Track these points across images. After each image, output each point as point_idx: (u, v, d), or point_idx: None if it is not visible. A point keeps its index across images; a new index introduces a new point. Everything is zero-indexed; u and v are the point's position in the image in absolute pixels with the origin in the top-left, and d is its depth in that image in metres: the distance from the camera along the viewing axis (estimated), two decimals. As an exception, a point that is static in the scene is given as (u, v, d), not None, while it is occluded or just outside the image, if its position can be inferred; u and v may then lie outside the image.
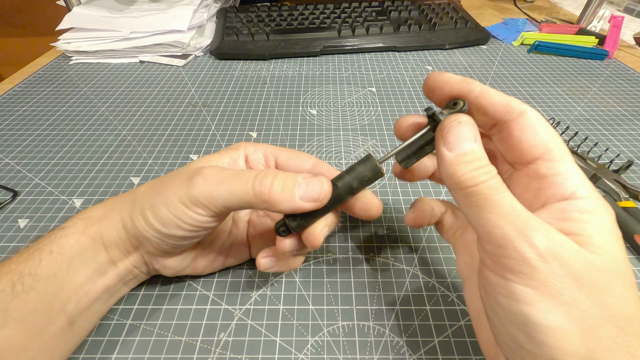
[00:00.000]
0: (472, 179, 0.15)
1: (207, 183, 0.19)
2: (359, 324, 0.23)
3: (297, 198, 0.19)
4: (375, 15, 0.63)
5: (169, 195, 0.19)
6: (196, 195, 0.19)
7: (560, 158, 0.16)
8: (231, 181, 0.19)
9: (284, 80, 0.51)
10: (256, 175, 0.19)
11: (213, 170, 0.20)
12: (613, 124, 0.41)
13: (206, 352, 0.22)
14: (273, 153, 0.24)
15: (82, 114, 0.44)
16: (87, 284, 0.20)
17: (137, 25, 0.56)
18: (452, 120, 0.17)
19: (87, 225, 0.20)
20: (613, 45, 0.55)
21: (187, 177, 0.20)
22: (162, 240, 0.20)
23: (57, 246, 0.19)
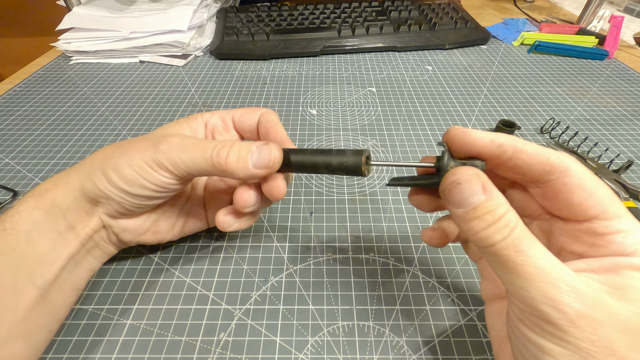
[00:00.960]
0: (487, 238, 0.14)
1: (171, 150, 0.20)
2: (359, 324, 0.23)
3: (251, 166, 0.20)
4: (375, 15, 0.63)
5: (134, 157, 0.20)
6: (161, 159, 0.20)
7: (618, 215, 0.15)
8: (192, 150, 0.20)
9: (284, 80, 0.51)
10: (215, 145, 0.20)
11: (177, 138, 0.21)
12: (613, 124, 0.41)
13: (206, 352, 0.22)
14: (228, 114, 0.26)
15: (82, 114, 0.44)
16: (51, 254, 0.20)
17: (137, 25, 0.56)
18: (450, 182, 0.16)
19: (39, 199, 0.20)
20: (613, 45, 0.55)
21: (152, 142, 0.21)
22: (125, 199, 0.21)
23: (10, 223, 0.19)
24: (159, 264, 0.27)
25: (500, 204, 0.15)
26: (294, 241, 0.29)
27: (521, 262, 0.14)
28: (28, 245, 0.19)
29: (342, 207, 0.31)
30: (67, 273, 0.21)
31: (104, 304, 0.24)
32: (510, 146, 0.16)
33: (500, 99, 0.46)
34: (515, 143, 0.16)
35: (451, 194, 0.16)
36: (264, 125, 0.24)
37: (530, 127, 0.41)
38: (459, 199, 0.15)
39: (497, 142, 0.16)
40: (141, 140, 0.21)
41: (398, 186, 0.21)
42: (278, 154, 0.21)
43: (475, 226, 0.15)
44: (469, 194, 0.15)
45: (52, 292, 0.20)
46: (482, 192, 0.15)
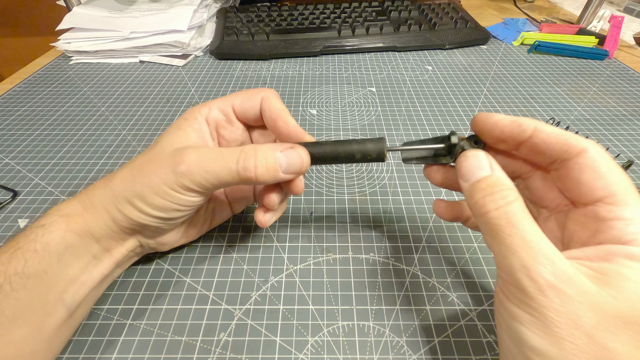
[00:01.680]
0: (483, 205, 0.16)
1: (192, 171, 0.19)
2: (359, 324, 0.23)
3: (282, 173, 0.20)
4: (375, 15, 0.63)
5: (156, 184, 0.20)
6: (185, 183, 0.20)
7: (625, 202, 0.15)
8: (214, 166, 0.20)
9: (284, 80, 0.51)
10: (238, 158, 0.20)
11: (193, 155, 0.20)
12: (613, 124, 0.41)
13: (206, 352, 0.22)
14: (228, 104, 0.24)
15: (82, 114, 0.44)
16: (83, 275, 0.20)
17: (137, 25, 0.56)
18: (462, 156, 0.18)
19: (70, 221, 0.20)
20: (613, 45, 0.55)
21: (168, 163, 0.20)
22: (162, 223, 0.21)
23: (41, 244, 0.19)
24: (159, 264, 0.27)
25: (503, 182, 0.16)
26: (294, 241, 0.29)
27: (509, 232, 0.15)
28: (60, 267, 0.19)
29: (342, 207, 0.31)
30: (95, 290, 0.21)
31: (104, 304, 0.24)
32: (529, 125, 0.17)
33: (500, 99, 0.46)
34: (535, 123, 0.17)
35: (461, 166, 0.18)
36: (269, 115, 0.23)
37: (530, 127, 0.41)
38: (467, 170, 0.17)
39: (517, 122, 0.18)
40: (156, 162, 0.20)
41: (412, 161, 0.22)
42: (307, 157, 0.21)
43: (476, 195, 0.16)
44: (476, 167, 0.17)
45: (79, 310, 0.20)
46: (489, 169, 0.17)
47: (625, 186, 0.15)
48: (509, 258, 0.15)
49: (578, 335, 0.13)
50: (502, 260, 0.15)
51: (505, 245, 0.15)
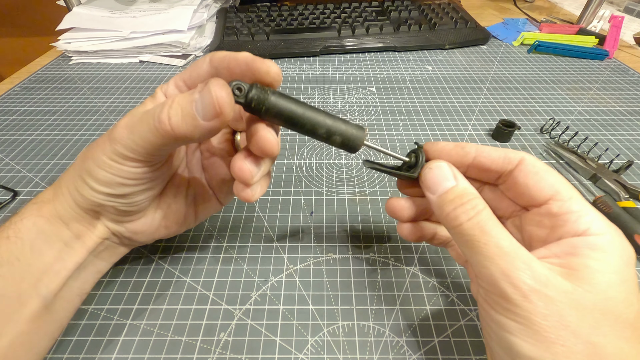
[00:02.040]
0: (455, 218, 0.16)
1: (122, 135, 0.18)
2: (359, 324, 0.23)
3: (201, 120, 0.16)
4: (375, 15, 0.63)
5: (98, 156, 0.18)
6: (118, 149, 0.18)
7: (570, 197, 0.16)
8: (138, 126, 0.17)
9: (284, 80, 0.51)
10: (154, 111, 0.17)
11: (126, 119, 0.18)
12: (613, 124, 0.41)
13: (206, 352, 0.22)
14: (182, 77, 0.21)
15: (82, 114, 0.44)
16: (57, 264, 0.19)
17: (137, 25, 0.56)
18: (425, 168, 0.19)
19: (41, 207, 0.20)
20: (613, 45, 0.55)
21: (106, 137, 0.19)
22: (114, 201, 0.19)
23: (14, 231, 0.19)
24: (159, 264, 0.27)
25: (469, 191, 0.17)
26: (294, 241, 0.29)
27: (485, 241, 0.15)
28: (32, 254, 0.19)
29: (342, 207, 0.31)
30: (73, 280, 0.20)
31: (104, 304, 0.24)
32: (471, 147, 0.19)
33: (500, 99, 0.46)
34: (476, 146, 0.19)
35: (426, 178, 0.18)
36: (219, 66, 0.19)
37: (530, 127, 0.41)
38: (432, 183, 0.18)
39: (460, 145, 0.19)
40: (100, 137, 0.19)
41: (373, 169, 0.22)
42: (222, 92, 0.16)
43: (446, 208, 0.17)
44: (441, 178, 0.18)
45: (57, 300, 0.20)
46: (453, 179, 0.18)
47: (565, 183, 0.17)
48: (489, 267, 0.15)
49: (566, 336, 0.13)
50: (481, 270, 0.15)
51: (483, 255, 0.15)
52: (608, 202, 0.30)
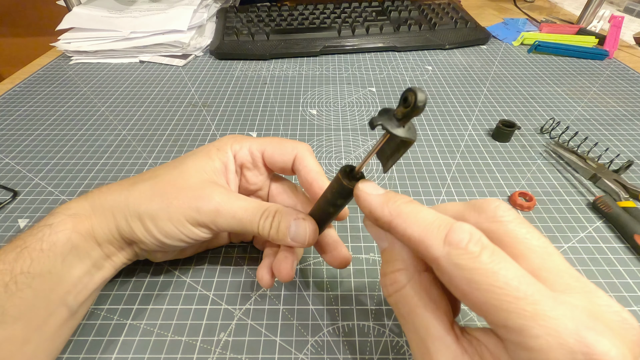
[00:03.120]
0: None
1: (219, 213, 0.20)
2: (359, 324, 0.23)
3: (289, 239, 0.21)
4: (375, 15, 0.63)
5: (175, 212, 0.20)
6: (205, 221, 0.20)
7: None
8: (242, 216, 0.21)
9: (284, 80, 0.51)
10: (262, 214, 0.21)
11: (222, 197, 0.21)
12: (613, 124, 0.41)
13: (206, 352, 0.22)
14: (259, 148, 0.24)
15: (82, 114, 0.44)
16: (85, 278, 0.20)
17: (137, 25, 0.56)
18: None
19: (77, 222, 0.20)
20: (613, 45, 0.55)
21: (194, 195, 0.21)
22: (160, 247, 0.21)
23: (48, 244, 0.19)
24: (159, 264, 0.27)
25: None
26: (294, 241, 0.29)
27: None
28: (63, 267, 0.19)
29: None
30: (96, 291, 0.22)
31: (104, 304, 0.24)
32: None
33: (500, 99, 0.46)
34: None
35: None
36: (305, 176, 0.23)
37: (530, 127, 0.41)
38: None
39: None
40: (180, 189, 0.21)
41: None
42: (313, 234, 0.21)
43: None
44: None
45: (80, 310, 0.21)
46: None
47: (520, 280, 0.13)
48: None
49: None
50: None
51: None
52: (608, 202, 0.30)
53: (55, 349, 0.20)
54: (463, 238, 0.13)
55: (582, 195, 0.32)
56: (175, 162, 0.23)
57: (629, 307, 0.24)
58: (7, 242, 0.28)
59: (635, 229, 0.28)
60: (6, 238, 0.29)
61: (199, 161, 0.22)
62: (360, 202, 0.17)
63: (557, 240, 0.28)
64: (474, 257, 0.12)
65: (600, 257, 0.27)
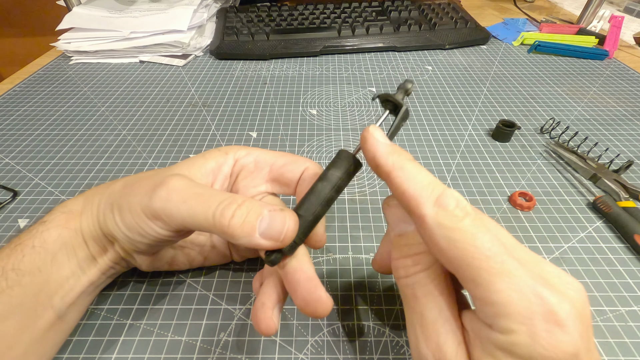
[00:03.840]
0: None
1: (169, 198, 0.18)
2: (359, 324, 0.23)
3: (258, 234, 0.17)
4: (375, 15, 0.63)
5: (134, 201, 0.19)
6: (156, 208, 0.18)
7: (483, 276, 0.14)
8: (193, 202, 0.17)
9: (284, 80, 0.51)
10: (221, 201, 0.17)
11: (179, 183, 0.18)
12: (613, 124, 0.41)
13: (206, 352, 0.22)
14: (267, 160, 0.22)
15: (82, 114, 0.44)
16: (72, 279, 0.20)
17: (137, 25, 0.56)
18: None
19: (69, 218, 0.20)
20: (613, 45, 0.55)
21: (153, 184, 0.18)
22: (130, 242, 0.20)
23: (39, 240, 0.19)
24: (159, 264, 0.27)
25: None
26: (294, 241, 0.29)
27: None
28: (52, 266, 0.19)
29: (342, 207, 0.31)
30: (85, 295, 0.21)
31: (104, 304, 0.24)
32: None
33: (500, 99, 0.46)
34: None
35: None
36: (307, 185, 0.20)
37: (530, 127, 0.41)
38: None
39: None
40: (148, 177, 0.19)
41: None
42: (293, 225, 0.17)
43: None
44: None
45: (69, 313, 0.20)
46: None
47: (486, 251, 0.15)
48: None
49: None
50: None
51: None
52: (608, 202, 0.30)
53: (47, 351, 0.20)
54: (450, 203, 0.14)
55: (582, 195, 0.32)
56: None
57: (629, 307, 0.24)
58: (6, 242, 0.28)
59: (635, 229, 0.28)
60: (6, 238, 0.29)
61: (192, 160, 0.21)
62: (366, 146, 0.17)
63: (557, 240, 0.28)
64: (457, 219, 0.14)
65: (600, 257, 0.27)
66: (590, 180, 0.34)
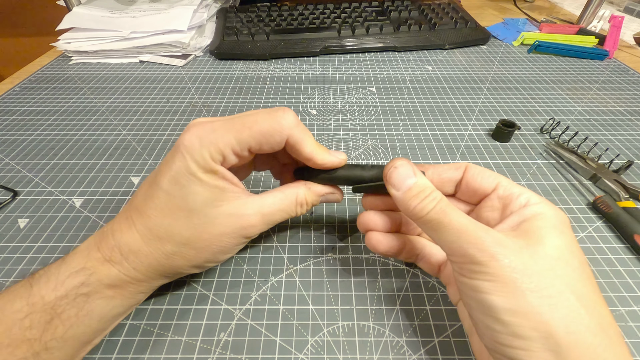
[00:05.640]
0: (422, 209, 0.19)
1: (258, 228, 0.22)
2: (359, 324, 0.23)
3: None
4: (375, 15, 0.63)
5: (230, 248, 0.22)
6: (249, 235, 0.22)
7: (509, 183, 0.21)
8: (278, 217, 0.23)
9: (284, 80, 0.51)
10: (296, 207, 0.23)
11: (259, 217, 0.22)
12: (613, 124, 0.41)
13: (206, 352, 0.22)
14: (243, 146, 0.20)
15: (82, 114, 0.44)
16: (119, 318, 0.22)
17: (137, 25, 0.56)
18: (389, 167, 0.21)
19: (117, 293, 0.20)
20: (613, 45, 0.55)
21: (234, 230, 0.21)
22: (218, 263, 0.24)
23: (85, 311, 0.19)
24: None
25: (428, 185, 0.19)
26: (294, 241, 0.29)
27: (448, 221, 0.18)
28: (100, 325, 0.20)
29: (342, 207, 0.31)
30: None
31: (104, 304, 0.24)
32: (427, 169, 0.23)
33: (500, 99, 0.46)
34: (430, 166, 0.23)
35: (391, 177, 0.20)
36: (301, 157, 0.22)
37: (530, 127, 0.41)
38: (397, 181, 0.20)
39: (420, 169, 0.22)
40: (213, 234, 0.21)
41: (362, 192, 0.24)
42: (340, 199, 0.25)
43: (412, 203, 0.19)
44: (404, 176, 0.20)
45: None
46: (414, 176, 0.20)
47: (502, 177, 0.21)
48: (457, 241, 0.17)
49: (533, 280, 0.16)
50: (451, 246, 0.18)
51: (450, 233, 0.18)
52: (608, 202, 0.30)
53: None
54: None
55: (582, 195, 0.32)
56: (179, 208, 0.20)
57: (629, 307, 0.24)
58: (6, 242, 0.28)
59: (635, 229, 0.28)
60: (6, 238, 0.29)
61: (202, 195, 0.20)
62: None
63: (557, 240, 0.28)
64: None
65: (600, 257, 0.27)
66: (590, 180, 0.34)
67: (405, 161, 0.20)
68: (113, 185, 0.34)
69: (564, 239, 0.17)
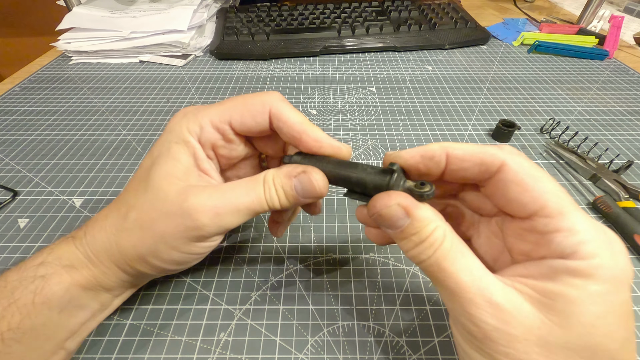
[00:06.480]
0: (415, 257, 0.16)
1: (207, 221, 0.18)
2: (359, 324, 0.23)
3: (302, 199, 0.19)
4: (375, 15, 0.63)
5: (172, 240, 0.18)
6: (210, 231, 0.18)
7: (559, 212, 0.14)
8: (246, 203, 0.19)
9: (284, 80, 0.51)
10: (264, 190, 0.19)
11: (213, 200, 0.18)
12: (613, 124, 0.41)
13: (206, 352, 0.22)
14: (223, 119, 0.20)
15: (82, 114, 0.44)
16: (90, 322, 0.20)
17: (137, 25, 0.56)
18: (376, 211, 0.17)
19: (75, 275, 0.19)
20: (613, 45, 0.55)
21: (181, 218, 0.18)
22: (176, 270, 0.21)
23: (41, 298, 0.18)
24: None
25: (426, 225, 0.15)
26: (294, 241, 0.29)
27: (443, 278, 0.15)
28: (61, 317, 0.18)
29: (342, 207, 0.31)
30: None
31: (104, 304, 0.24)
32: (441, 156, 0.16)
33: (500, 99, 0.46)
34: (446, 150, 0.16)
35: (381, 217, 0.17)
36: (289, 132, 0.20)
37: (530, 127, 0.41)
38: (386, 224, 0.17)
39: (427, 156, 0.17)
40: (165, 215, 0.18)
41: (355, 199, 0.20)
42: (322, 182, 0.19)
43: (404, 245, 0.16)
44: (395, 218, 0.16)
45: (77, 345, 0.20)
46: (406, 217, 0.16)
47: (556, 194, 0.14)
48: (452, 305, 0.15)
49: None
50: (447, 304, 0.15)
51: (445, 290, 0.15)
52: (608, 202, 0.30)
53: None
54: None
55: (582, 195, 0.32)
56: (142, 181, 0.20)
57: (629, 307, 0.24)
58: (6, 242, 0.28)
59: (635, 229, 0.28)
60: (6, 238, 0.29)
61: (166, 168, 0.19)
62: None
63: (557, 240, 0.28)
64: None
65: (600, 257, 0.27)
66: (590, 180, 0.34)
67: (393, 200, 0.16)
68: (113, 185, 0.34)
69: (608, 322, 0.13)
